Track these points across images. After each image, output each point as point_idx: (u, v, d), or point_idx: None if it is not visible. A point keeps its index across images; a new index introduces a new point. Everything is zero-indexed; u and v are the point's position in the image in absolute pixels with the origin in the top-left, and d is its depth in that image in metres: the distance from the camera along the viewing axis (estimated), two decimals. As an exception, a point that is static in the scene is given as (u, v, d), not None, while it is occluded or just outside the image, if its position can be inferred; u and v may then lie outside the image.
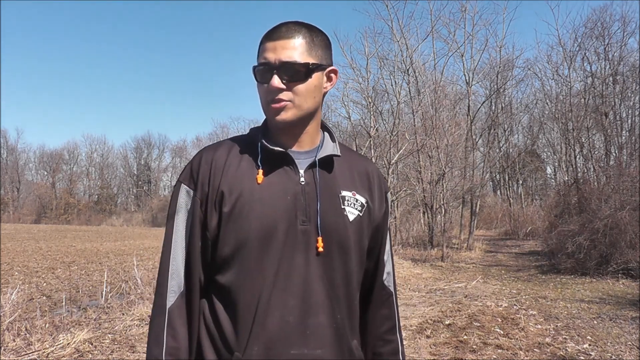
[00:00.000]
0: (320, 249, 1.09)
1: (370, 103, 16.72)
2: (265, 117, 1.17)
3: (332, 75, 1.17)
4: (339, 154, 1.18)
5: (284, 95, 1.09)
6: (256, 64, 1.12)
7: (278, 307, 1.06)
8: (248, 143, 1.16)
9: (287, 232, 1.08)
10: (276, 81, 1.08)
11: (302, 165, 1.13)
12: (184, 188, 1.14)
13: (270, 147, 1.11)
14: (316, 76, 1.12)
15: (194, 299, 1.13)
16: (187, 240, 1.12)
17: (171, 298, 1.11)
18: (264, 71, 1.10)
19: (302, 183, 1.12)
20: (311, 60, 1.10)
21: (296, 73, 1.09)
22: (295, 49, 1.09)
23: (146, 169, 52.53)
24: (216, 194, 1.10)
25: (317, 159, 1.14)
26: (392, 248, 1.35)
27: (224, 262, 1.10)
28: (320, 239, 1.09)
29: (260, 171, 1.10)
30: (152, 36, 74.71)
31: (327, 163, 1.16)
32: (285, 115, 1.09)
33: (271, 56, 1.09)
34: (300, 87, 1.10)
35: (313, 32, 1.13)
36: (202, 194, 1.11)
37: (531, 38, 66.23)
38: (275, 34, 1.10)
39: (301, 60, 1.09)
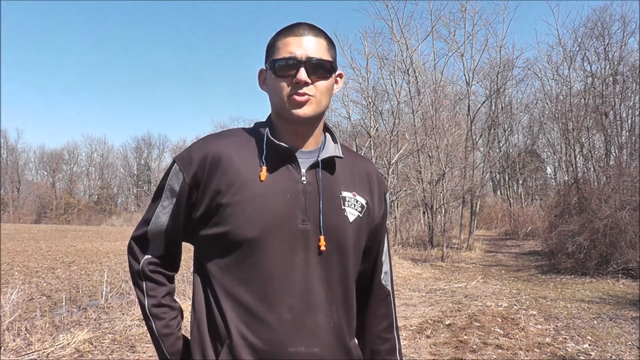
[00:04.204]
0: (323, 248, 1.10)
1: (370, 103, 16.71)
2: (276, 113, 1.16)
3: (339, 78, 1.20)
4: (341, 155, 1.18)
5: (309, 90, 1.09)
6: (274, 59, 1.12)
7: (276, 304, 1.07)
8: (253, 137, 1.17)
9: (286, 231, 1.09)
10: (303, 75, 1.08)
11: (304, 164, 1.14)
12: (176, 168, 1.14)
13: (276, 142, 1.12)
14: (333, 76, 1.15)
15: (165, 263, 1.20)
16: (170, 217, 1.16)
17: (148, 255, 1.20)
18: (287, 65, 1.10)
19: (304, 182, 1.12)
20: (331, 60, 1.13)
21: (321, 69, 1.10)
22: (320, 47, 1.12)
23: (146, 169, 52.52)
24: (212, 186, 1.10)
25: (319, 159, 1.15)
26: (390, 248, 1.36)
27: (220, 255, 1.10)
28: (322, 237, 1.10)
29: (264, 168, 1.11)
30: (152, 36, 74.77)
31: (329, 164, 1.17)
32: (307, 110, 1.10)
33: (297, 51, 1.09)
34: (323, 84, 1.11)
35: (328, 36, 1.16)
36: (194, 182, 1.12)
37: (531, 38, 66.20)
38: (298, 30, 1.11)
39: (326, 58, 1.11)
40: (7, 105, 67.70)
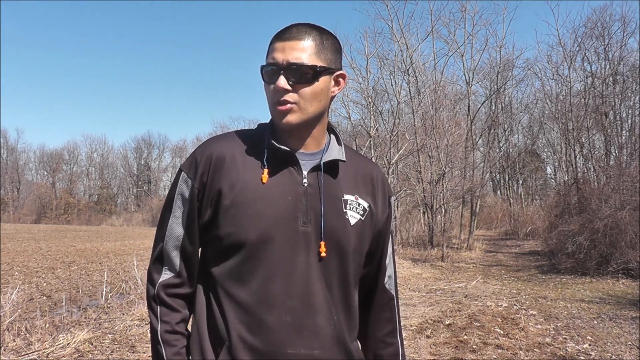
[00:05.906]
0: (323, 254, 1.09)
1: (370, 103, 16.69)
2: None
3: (341, 79, 1.16)
4: (344, 158, 1.17)
5: (290, 97, 1.08)
6: (264, 63, 1.12)
7: (276, 306, 1.07)
8: (255, 139, 1.16)
9: (287, 233, 1.08)
10: (282, 82, 1.07)
11: (306, 167, 1.13)
12: (184, 176, 1.14)
13: (277, 145, 1.11)
14: (323, 80, 1.11)
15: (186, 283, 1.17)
16: (185, 226, 1.14)
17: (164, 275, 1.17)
18: (271, 72, 1.09)
19: (305, 185, 1.12)
20: (319, 63, 1.09)
21: (303, 75, 1.08)
22: (304, 51, 1.08)
23: (146, 169, 52.53)
24: (215, 187, 1.10)
25: (322, 162, 1.14)
26: (394, 252, 1.35)
27: (221, 256, 1.10)
28: (323, 243, 1.10)
29: (266, 170, 1.10)
30: (152, 36, 74.79)
31: (331, 167, 1.16)
32: (290, 119, 1.09)
33: (279, 56, 1.08)
34: (306, 90, 1.09)
35: (323, 35, 1.12)
36: (200, 184, 1.11)
37: (531, 38, 66.21)
38: (285, 34, 1.10)
39: (309, 63, 1.08)
40: (7, 105, 67.76)
